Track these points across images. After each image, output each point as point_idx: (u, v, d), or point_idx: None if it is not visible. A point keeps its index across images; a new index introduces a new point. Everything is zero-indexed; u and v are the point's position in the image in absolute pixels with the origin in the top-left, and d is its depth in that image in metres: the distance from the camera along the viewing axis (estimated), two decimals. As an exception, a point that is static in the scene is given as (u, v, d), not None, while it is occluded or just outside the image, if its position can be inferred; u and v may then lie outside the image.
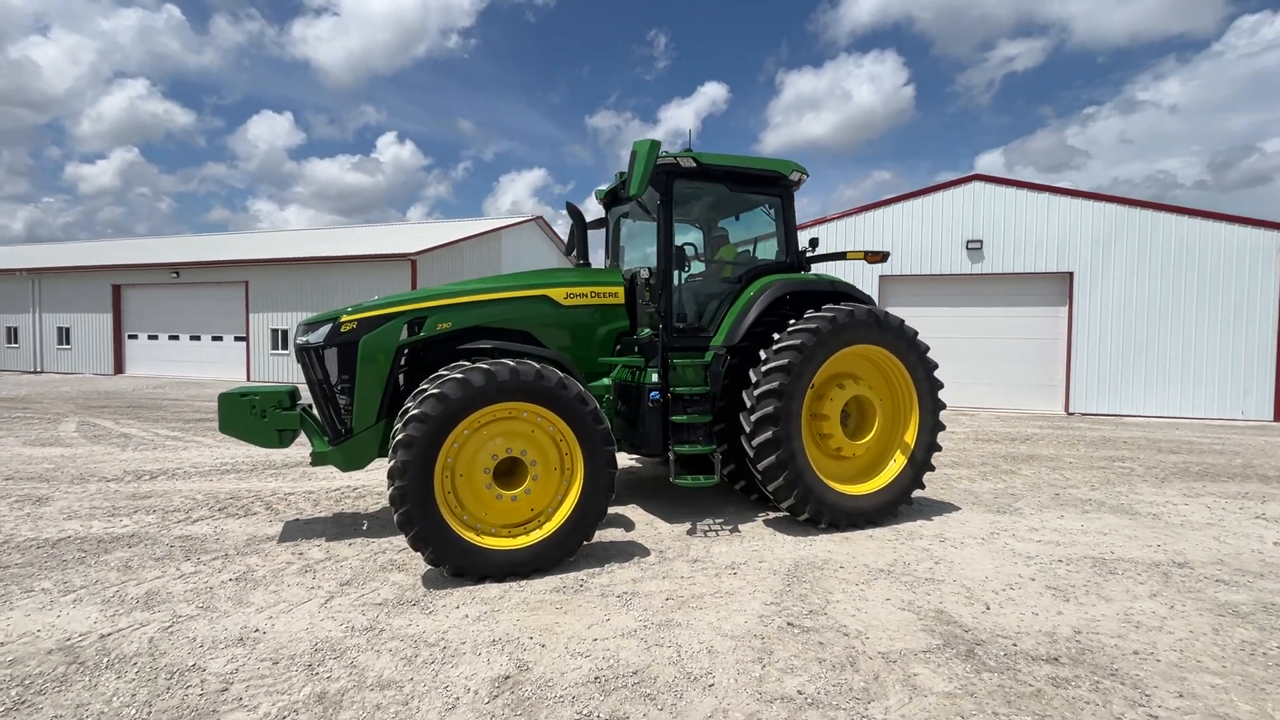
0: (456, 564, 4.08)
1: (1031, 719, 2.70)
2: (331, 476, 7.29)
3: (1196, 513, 5.92)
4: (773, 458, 4.99)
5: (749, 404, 5.13)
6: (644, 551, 4.77)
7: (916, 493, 5.74)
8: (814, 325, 5.15)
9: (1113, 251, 13.71)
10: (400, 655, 3.22)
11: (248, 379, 21.19)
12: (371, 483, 6.98)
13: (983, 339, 14.52)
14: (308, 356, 5.04)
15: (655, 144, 4.84)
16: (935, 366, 5.67)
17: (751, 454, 5.12)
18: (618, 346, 5.83)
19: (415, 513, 3.96)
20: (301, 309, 20.77)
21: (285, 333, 21.03)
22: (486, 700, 2.83)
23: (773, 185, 5.97)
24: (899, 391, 5.65)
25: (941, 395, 5.73)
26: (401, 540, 5.00)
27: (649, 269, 5.65)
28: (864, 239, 15.22)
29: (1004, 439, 10.28)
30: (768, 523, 5.52)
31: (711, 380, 5.45)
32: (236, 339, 21.75)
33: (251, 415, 4.87)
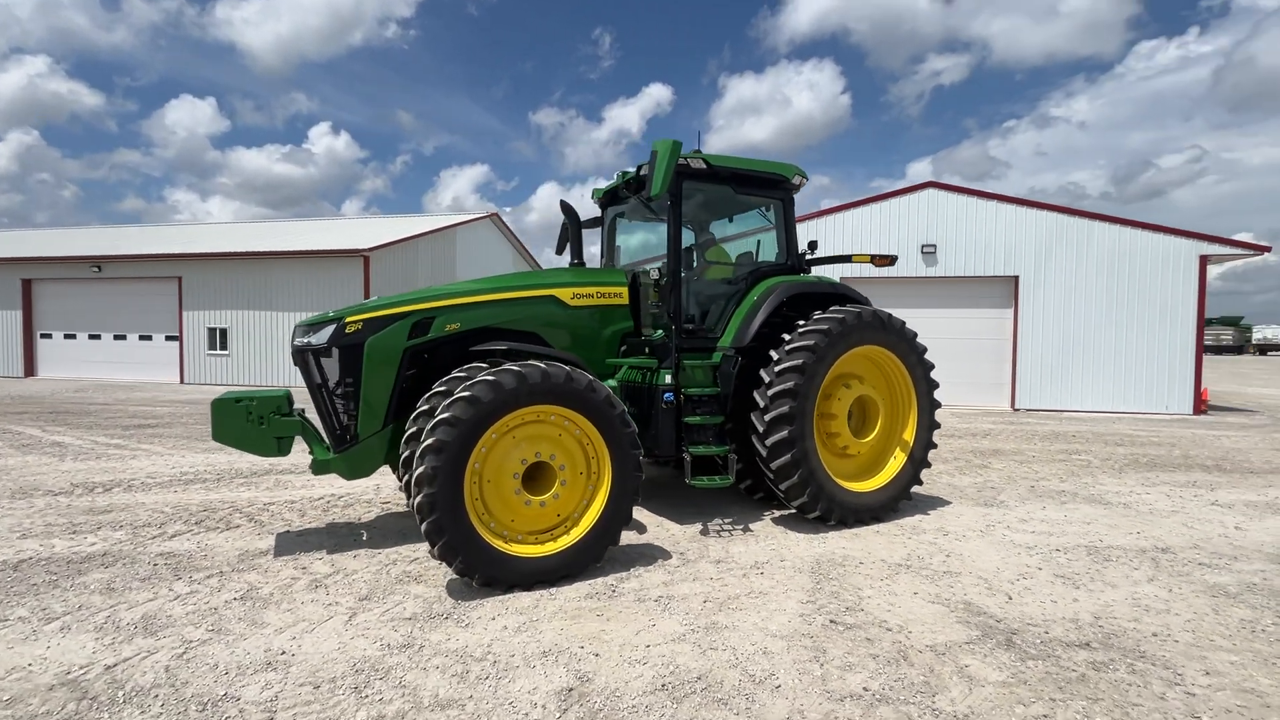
0: (486, 573, 3.94)
1: (1086, 703, 2.84)
2: (311, 485, 6.91)
3: (1159, 501, 6.38)
4: (787, 456, 5.05)
5: (762, 404, 5.18)
6: (664, 554, 4.74)
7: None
8: (825, 326, 5.25)
9: (1054, 257, 14.61)
10: (450, 672, 3.08)
11: (181, 381, 19.85)
12: (357, 490, 6.66)
13: (937, 339, 15.07)
14: (308, 359, 4.76)
15: (677, 144, 4.82)
16: (933, 367, 5.89)
17: (765, 453, 5.18)
18: (623, 348, 5.77)
19: (445, 520, 3.80)
20: (242, 307, 19.64)
21: (224, 331, 19.82)
22: (558, 714, 2.74)
23: (775, 188, 6.06)
24: (898, 391, 5.84)
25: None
26: (411, 550, 4.79)
27: (658, 269, 5.62)
28: (824, 242, 15.64)
29: (965, 434, 10.80)
30: (776, 521, 5.59)
31: (722, 381, 5.48)
32: (168, 338, 20.33)
33: (248, 422, 4.55)
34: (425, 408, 4.45)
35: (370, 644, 3.35)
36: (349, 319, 4.70)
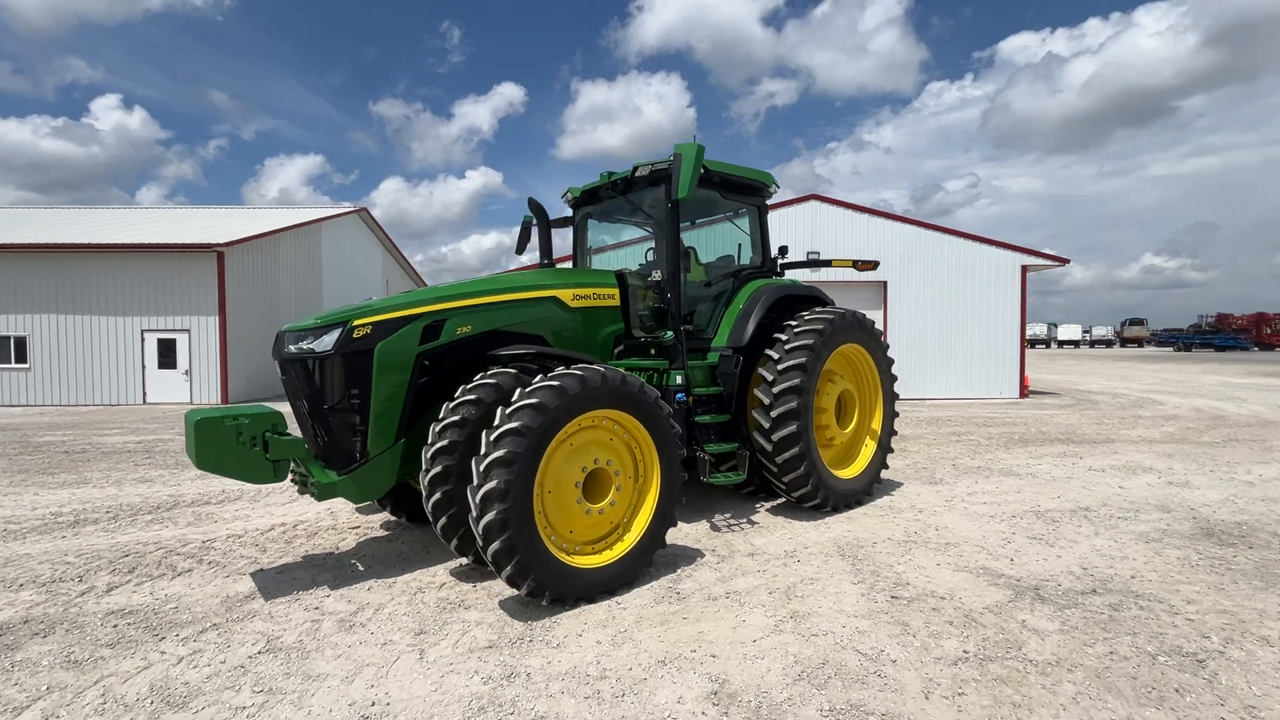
0: (557, 590, 3.73)
1: (1130, 636, 3.39)
2: (246, 515, 5.99)
3: (1052, 470, 7.63)
4: (795, 449, 5.34)
5: (767, 401, 5.42)
6: (695, 552, 4.79)
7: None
8: (819, 326, 5.62)
9: (913, 265, 16.70)
10: (580, 695, 2.91)
11: (-40, 404, 15.94)
12: (309, 518, 5.89)
13: (822, 338, 16.69)
14: (305, 368, 4.17)
15: (701, 148, 4.90)
16: (893, 362, 6.54)
17: (770, 448, 5.42)
18: (618, 349, 5.71)
19: (518, 538, 3.54)
20: (46, 311, 16.28)
21: (21, 340, 16.31)
22: (725, 716, 2.72)
23: (755, 194, 6.36)
24: (868, 385, 6.41)
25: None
26: (427, 575, 4.39)
27: (659, 270, 5.64)
28: (717, 249, 16.46)
29: (866, 423, 11.98)
30: (771, 512, 5.87)
31: (724, 380, 5.64)
32: (-62, 351, 16.23)
33: (238, 445, 3.86)
34: (455, 418, 4.08)
35: (467, 680, 3.05)
36: (356, 322, 4.18)
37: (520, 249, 7.15)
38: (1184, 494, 6.38)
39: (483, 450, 3.61)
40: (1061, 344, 67.01)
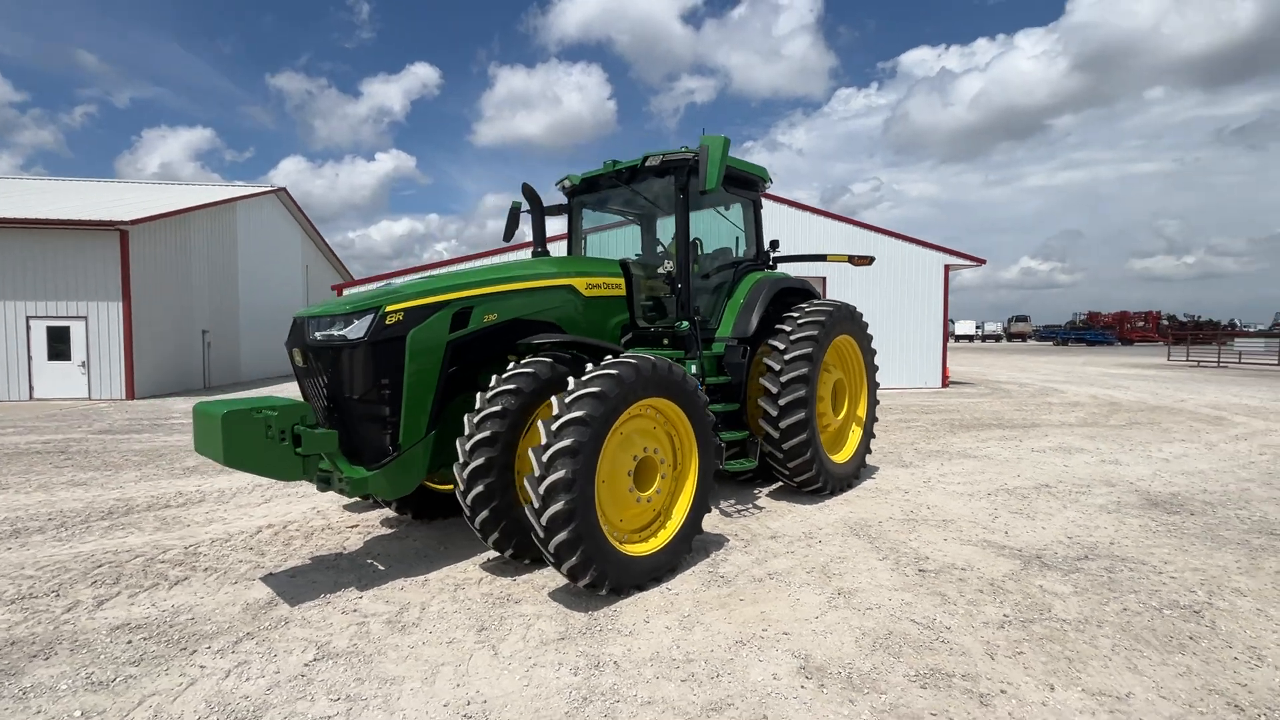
0: (615, 580, 3.73)
1: (1134, 595, 3.82)
2: (223, 518, 5.53)
3: (1001, 451, 8.34)
4: (803, 436, 5.56)
5: (774, 389, 5.60)
6: (717, 537, 4.90)
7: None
8: (821, 318, 5.87)
9: (850, 262, 17.59)
10: (677, 679, 2.94)
11: None
12: (294, 517, 5.52)
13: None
14: (333, 356, 3.91)
15: (727, 140, 4.96)
16: (875, 353, 6.92)
17: (777, 435, 5.61)
18: (625, 339, 5.71)
19: (583, 530, 3.51)
20: (-91, 293, 14.15)
21: None
22: (820, 689, 2.84)
23: (753, 188, 6.51)
24: (854, 374, 6.75)
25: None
26: (458, 571, 4.25)
27: (669, 260, 5.67)
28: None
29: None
30: (771, 496, 6.08)
31: (731, 370, 5.77)
32: None
33: (268, 439, 3.55)
34: (496, 409, 3.94)
35: (555, 672, 3.00)
36: (389, 308, 3.96)
37: (508, 236, 6.96)
38: (1118, 470, 7.18)
39: (544, 440, 3.53)
40: (958, 338, 72.90)
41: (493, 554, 4.56)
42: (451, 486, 4.47)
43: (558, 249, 7.22)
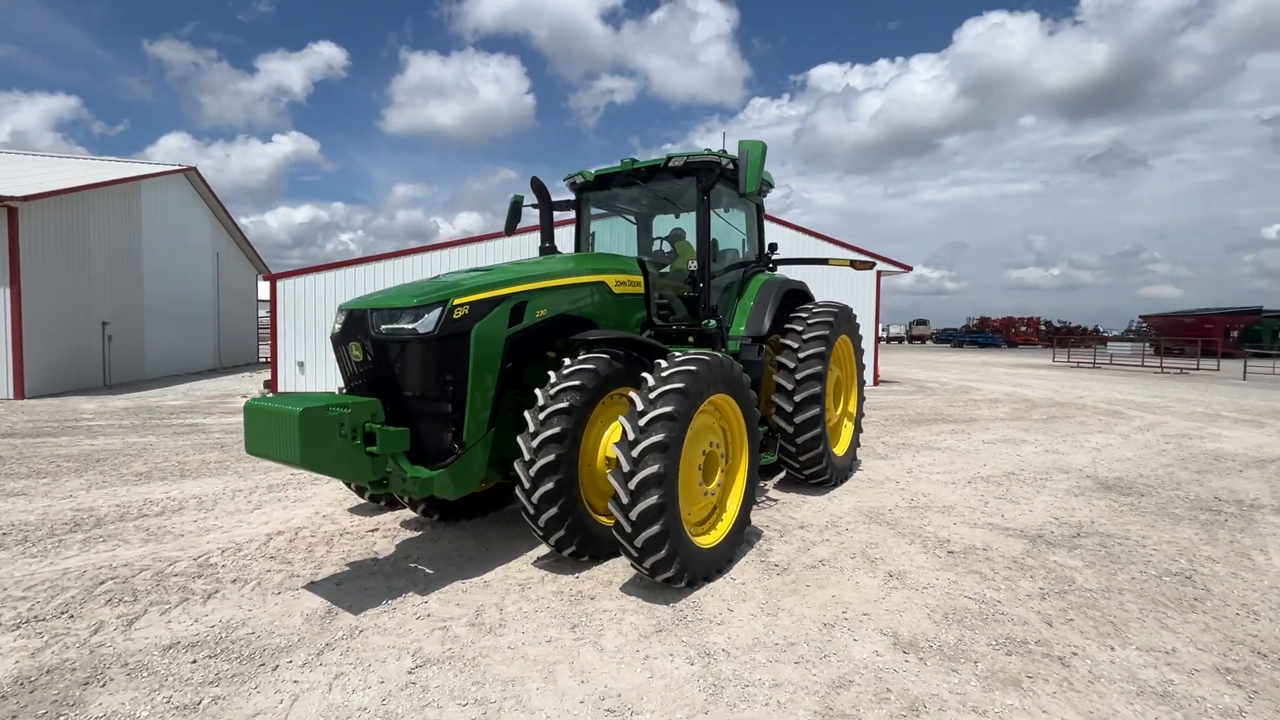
0: (693, 573, 3.81)
1: (1134, 565, 4.34)
2: (217, 526, 5.08)
3: (960, 444, 9.08)
4: (817, 430, 5.85)
5: (789, 386, 5.85)
6: (754, 530, 5.06)
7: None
8: (829, 319, 6.18)
9: (795, 267, 18.39)
10: (790, 661, 3.07)
11: None
12: (299, 522, 5.18)
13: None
14: (400, 351, 3.73)
15: (764, 145, 5.12)
16: (864, 352, 7.35)
17: (792, 430, 5.87)
18: (646, 334, 5.78)
19: (671, 524, 3.56)
20: None
21: None
22: (922, 662, 3.06)
23: (757, 191, 6.73)
24: (848, 371, 7.15)
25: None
26: (513, 572, 4.18)
27: (693, 261, 5.78)
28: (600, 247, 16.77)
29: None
30: (779, 488, 6.34)
31: (750, 367, 5.94)
32: None
33: (342, 438, 3.34)
34: (563, 405, 3.90)
35: (671, 663, 3.06)
36: (456, 301, 3.83)
37: (510, 229, 6.83)
38: (1064, 459, 8.02)
39: (631, 436, 3.56)
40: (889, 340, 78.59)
41: (541, 552, 4.51)
42: (483, 486, 4.39)
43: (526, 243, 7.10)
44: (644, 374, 3.89)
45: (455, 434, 3.88)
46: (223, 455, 7.86)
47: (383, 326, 3.77)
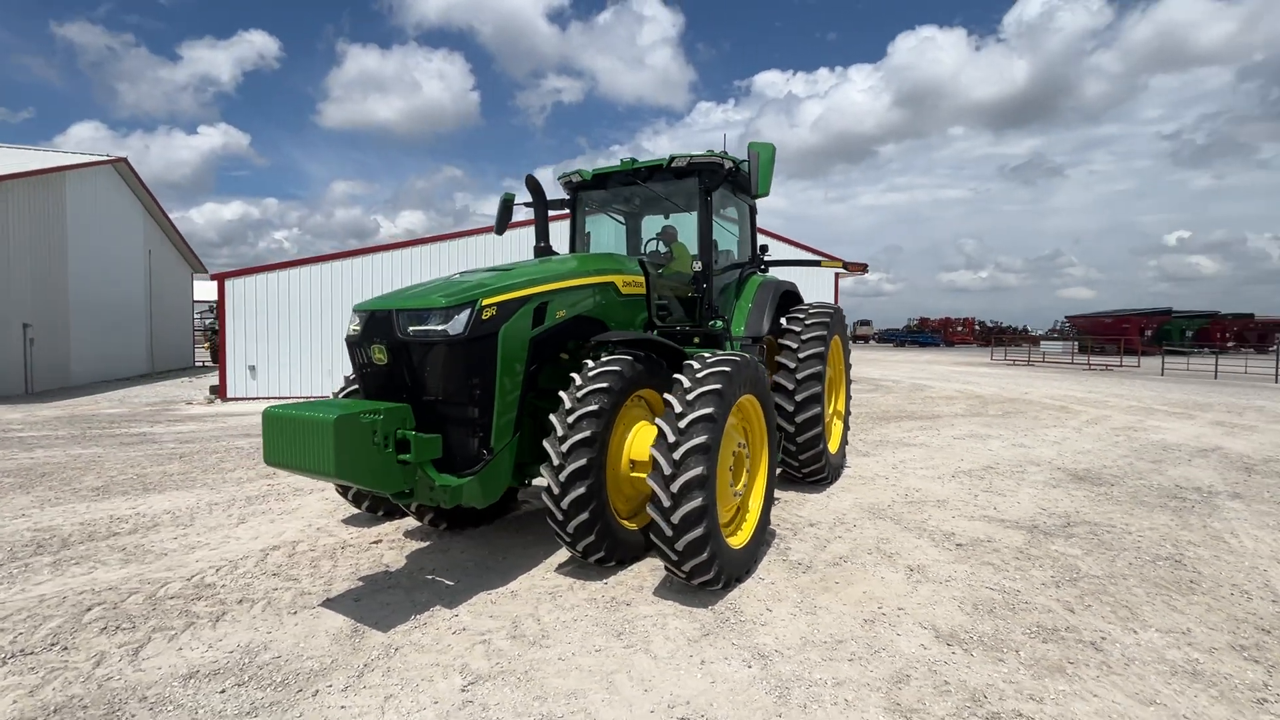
0: (729, 574, 3.80)
1: (1126, 551, 4.60)
2: (204, 544, 4.74)
3: (932, 440, 9.42)
4: (817, 430, 5.95)
5: (790, 386, 5.93)
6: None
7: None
8: (825, 319, 6.30)
9: (756, 267, 18.73)
10: (844, 658, 3.10)
11: None
12: (292, 537, 4.89)
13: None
14: (427, 354, 3.57)
15: (774, 147, 5.16)
16: (851, 351, 7.53)
17: (793, 429, 5.94)
18: (651, 334, 5.74)
19: (712, 526, 3.54)
20: None
21: None
22: (968, 652, 3.15)
23: (749, 192, 6.79)
24: (838, 370, 7.30)
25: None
26: (539, 578, 4.07)
27: (698, 261, 5.78)
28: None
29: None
30: (777, 486, 6.40)
31: (754, 367, 6.00)
32: None
33: (374, 446, 3.16)
34: (593, 407, 3.82)
35: (729, 667, 3.03)
36: (485, 301, 3.69)
37: (501, 229, 6.67)
38: (1031, 453, 8.44)
39: (672, 438, 3.51)
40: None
41: (559, 559, 4.41)
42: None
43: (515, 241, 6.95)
44: (677, 375, 3.85)
45: (483, 439, 3.74)
46: (185, 466, 7.34)
47: (411, 328, 3.59)
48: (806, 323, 6.25)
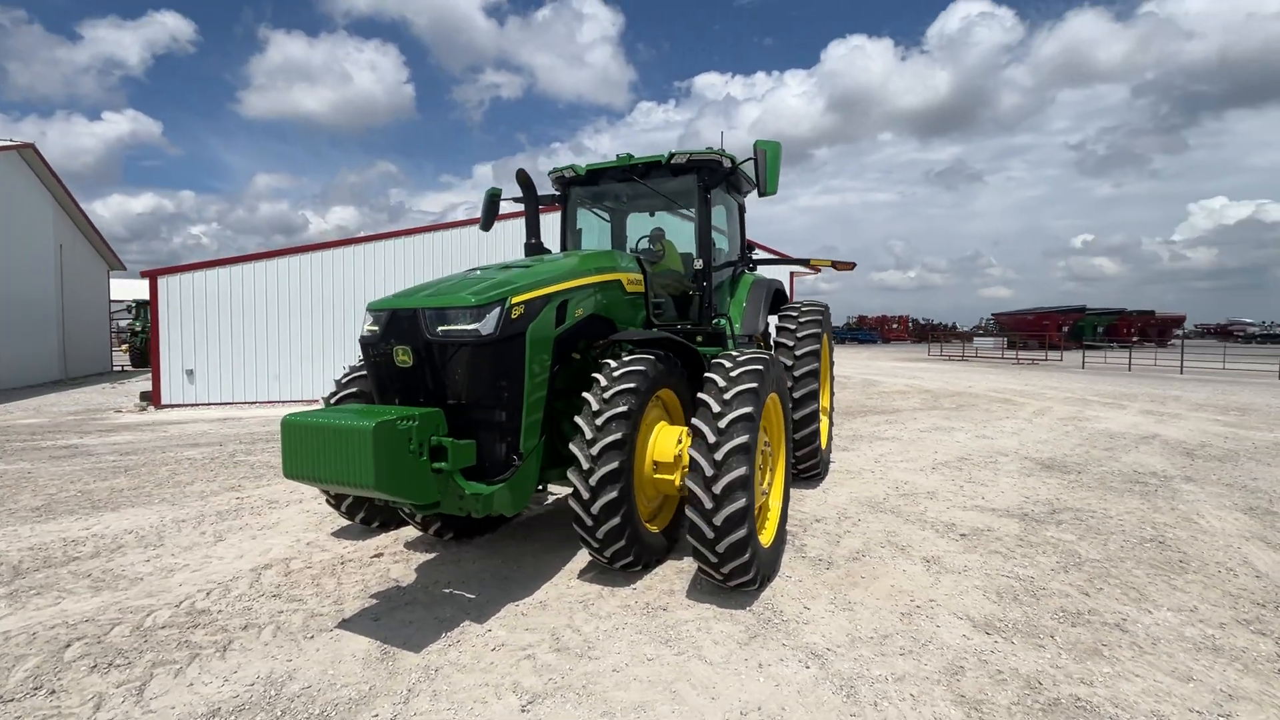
0: (763, 574, 3.76)
1: (1114, 535, 4.86)
2: (180, 564, 4.34)
3: (903, 434, 9.74)
4: (814, 426, 6.02)
5: (789, 384, 5.98)
6: (771, 526, 5.13)
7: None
8: (819, 317, 6.39)
9: (714, 266, 18.91)
10: (895, 653, 3.12)
11: None
12: (283, 553, 4.56)
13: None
14: (456, 355, 3.37)
15: (780, 145, 5.16)
16: (834, 349, 7.68)
17: (792, 426, 5.99)
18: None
19: (751, 528, 3.49)
20: None
21: None
22: (1010, 640, 3.23)
23: (741, 191, 6.81)
24: (825, 367, 7.39)
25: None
26: (565, 587, 3.94)
27: (698, 258, 5.73)
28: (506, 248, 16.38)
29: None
30: (772, 485, 6.46)
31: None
32: None
33: (410, 454, 2.93)
34: (622, 409, 3.70)
35: (788, 669, 3.00)
36: (514, 300, 3.51)
37: (487, 225, 6.43)
38: (995, 444, 8.85)
39: (712, 438, 3.45)
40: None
41: (578, 565, 4.27)
42: None
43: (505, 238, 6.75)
44: (708, 375, 3.79)
45: (512, 444, 3.57)
46: (135, 480, 6.73)
47: (439, 328, 3.37)
48: (801, 320, 6.32)
